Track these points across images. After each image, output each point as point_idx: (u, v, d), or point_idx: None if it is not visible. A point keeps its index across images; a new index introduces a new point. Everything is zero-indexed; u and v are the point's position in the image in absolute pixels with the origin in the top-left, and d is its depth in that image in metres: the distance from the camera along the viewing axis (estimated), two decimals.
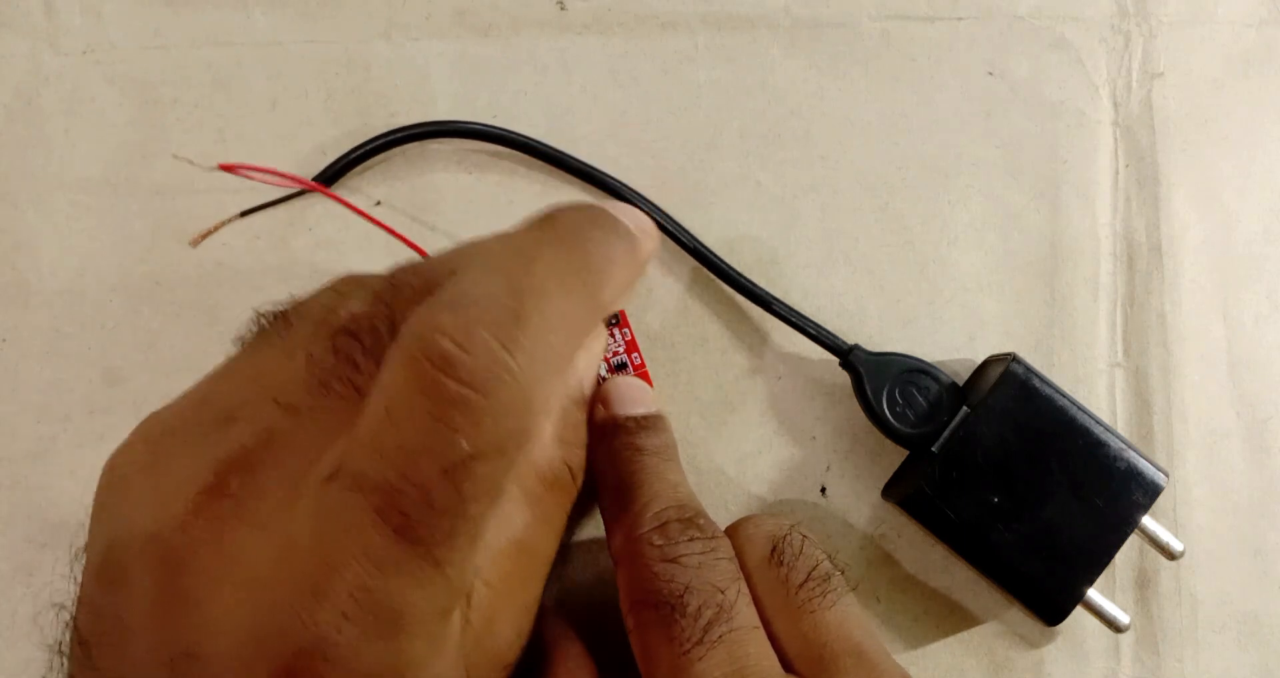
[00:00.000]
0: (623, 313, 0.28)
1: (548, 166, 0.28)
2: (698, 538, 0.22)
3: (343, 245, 0.28)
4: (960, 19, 0.30)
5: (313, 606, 0.16)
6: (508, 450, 0.17)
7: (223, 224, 0.28)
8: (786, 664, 0.21)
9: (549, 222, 0.20)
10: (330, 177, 0.28)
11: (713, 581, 0.21)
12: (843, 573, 0.23)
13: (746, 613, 0.21)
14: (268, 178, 0.26)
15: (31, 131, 0.28)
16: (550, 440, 0.22)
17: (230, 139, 0.28)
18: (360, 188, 0.28)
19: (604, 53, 0.29)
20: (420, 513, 0.16)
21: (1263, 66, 0.30)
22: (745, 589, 0.22)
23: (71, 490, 0.27)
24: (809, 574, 0.22)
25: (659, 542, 0.22)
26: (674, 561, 0.21)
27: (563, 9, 0.29)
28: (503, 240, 0.19)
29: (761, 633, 0.21)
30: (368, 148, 0.28)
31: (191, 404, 0.20)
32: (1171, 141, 0.30)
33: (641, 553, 0.22)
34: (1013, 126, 0.29)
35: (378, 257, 0.28)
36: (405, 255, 0.28)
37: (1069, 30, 0.30)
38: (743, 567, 0.22)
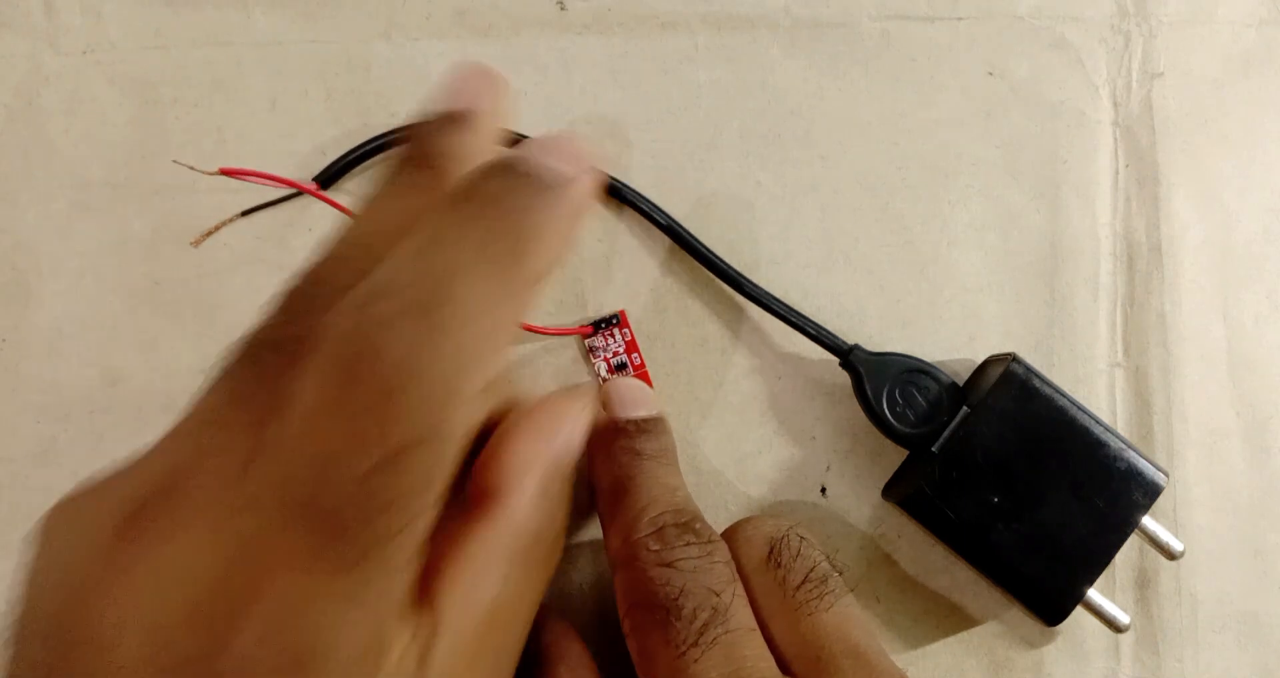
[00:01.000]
0: (623, 313, 0.28)
1: None
2: (693, 543, 0.22)
3: None
4: (960, 19, 0.30)
5: (217, 651, 0.15)
6: (432, 445, 0.16)
7: (223, 224, 0.28)
8: (784, 666, 0.21)
9: (467, 196, 0.18)
10: (330, 177, 0.28)
11: (708, 584, 0.21)
12: (842, 574, 0.23)
13: (742, 615, 0.21)
14: (265, 182, 0.26)
15: (32, 131, 0.28)
16: (532, 501, 0.20)
17: (230, 139, 0.28)
18: (361, 188, 0.28)
19: (604, 53, 0.29)
20: (334, 527, 0.15)
21: (1263, 66, 0.30)
22: (741, 592, 0.22)
23: None
24: (806, 576, 0.22)
25: (655, 546, 0.22)
26: (670, 565, 0.21)
27: (563, 9, 0.29)
28: (420, 225, 0.18)
29: (758, 635, 0.21)
30: (368, 148, 0.28)
31: (120, 463, 0.18)
32: (1171, 141, 0.30)
33: (638, 557, 0.22)
34: (1013, 126, 0.29)
35: None
36: None
37: (1069, 30, 0.30)
38: (741, 569, 0.22)
